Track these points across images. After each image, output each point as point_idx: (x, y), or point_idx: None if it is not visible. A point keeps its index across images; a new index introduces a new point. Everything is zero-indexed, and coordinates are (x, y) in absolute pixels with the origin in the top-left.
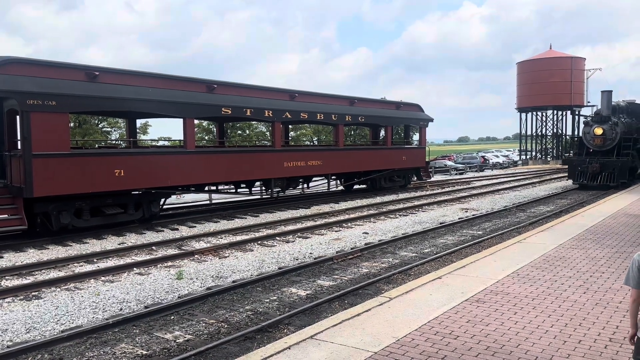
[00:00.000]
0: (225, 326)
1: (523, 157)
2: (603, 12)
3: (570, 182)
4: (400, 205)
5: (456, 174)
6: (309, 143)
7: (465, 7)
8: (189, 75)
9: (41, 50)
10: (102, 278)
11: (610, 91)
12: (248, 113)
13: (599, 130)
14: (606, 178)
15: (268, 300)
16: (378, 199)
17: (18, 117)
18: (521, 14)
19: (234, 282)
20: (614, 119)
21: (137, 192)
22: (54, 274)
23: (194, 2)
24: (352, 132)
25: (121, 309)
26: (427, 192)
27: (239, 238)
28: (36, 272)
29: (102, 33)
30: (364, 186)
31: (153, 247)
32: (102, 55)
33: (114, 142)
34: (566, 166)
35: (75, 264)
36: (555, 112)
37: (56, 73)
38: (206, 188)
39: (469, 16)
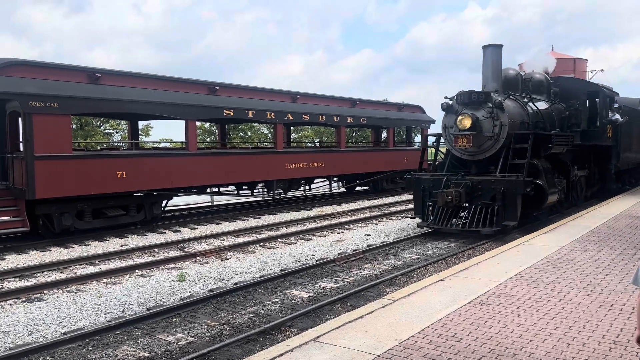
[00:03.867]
0: (228, 328)
1: None
2: (605, 14)
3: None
4: (402, 207)
5: None
6: (310, 145)
7: (470, 8)
8: (192, 76)
9: (46, 53)
10: (104, 280)
11: (500, 45)
12: (250, 115)
13: (466, 121)
14: (477, 217)
15: (270, 302)
16: (380, 201)
17: (20, 119)
18: (525, 16)
19: (236, 284)
20: (499, 97)
21: (139, 194)
22: (55, 275)
23: (200, 3)
24: (354, 134)
25: (123, 311)
26: None
27: (240, 240)
28: (38, 274)
29: (108, 35)
30: (366, 188)
31: (155, 249)
32: (107, 57)
33: (115, 144)
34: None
35: (77, 266)
36: None
37: (58, 75)
38: (208, 190)
39: (472, 18)
